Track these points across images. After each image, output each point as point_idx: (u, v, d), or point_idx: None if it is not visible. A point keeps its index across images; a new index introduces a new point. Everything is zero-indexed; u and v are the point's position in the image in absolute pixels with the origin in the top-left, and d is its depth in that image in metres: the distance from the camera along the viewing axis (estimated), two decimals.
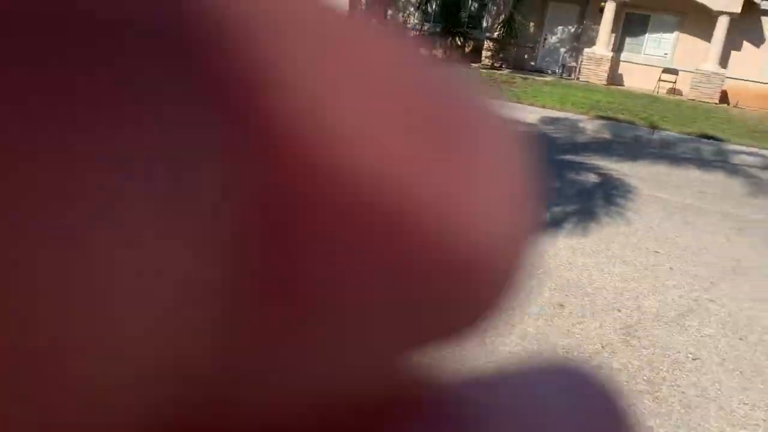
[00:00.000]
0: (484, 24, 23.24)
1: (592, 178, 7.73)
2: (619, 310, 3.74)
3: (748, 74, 20.55)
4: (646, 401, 2.77)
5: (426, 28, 24.08)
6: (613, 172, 8.28)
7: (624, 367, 3.06)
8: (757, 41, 20.53)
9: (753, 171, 10.26)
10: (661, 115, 15.24)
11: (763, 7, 19.45)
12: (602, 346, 3.24)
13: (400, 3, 24.60)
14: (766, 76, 20.54)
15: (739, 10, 18.93)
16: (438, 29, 23.47)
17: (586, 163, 8.74)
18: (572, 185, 7.12)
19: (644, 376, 3.00)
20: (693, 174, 9.19)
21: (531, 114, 13.30)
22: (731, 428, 2.67)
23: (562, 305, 3.68)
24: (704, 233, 5.87)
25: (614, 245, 5.04)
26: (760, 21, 20.23)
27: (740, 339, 3.59)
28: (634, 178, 8.13)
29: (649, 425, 2.60)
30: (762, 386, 3.07)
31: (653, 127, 13.72)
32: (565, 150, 9.69)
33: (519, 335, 3.22)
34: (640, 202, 6.78)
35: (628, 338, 3.38)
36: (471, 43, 23.76)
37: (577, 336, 3.31)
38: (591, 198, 6.61)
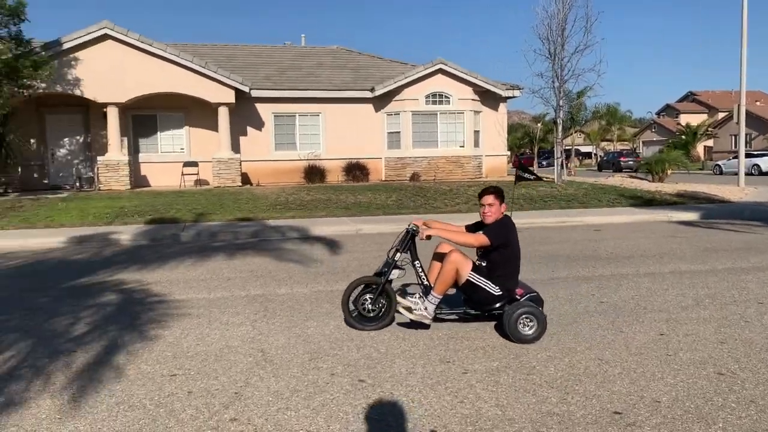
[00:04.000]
0: None
1: (109, 299, 6.60)
2: None
3: (260, 155, 22.47)
4: None
5: None
6: (136, 285, 7.31)
7: None
8: (259, 125, 22.64)
9: (277, 243, 10.70)
10: (190, 209, 15.08)
11: (254, 95, 21.52)
12: None
13: None
14: (273, 154, 22.81)
15: (233, 100, 20.52)
16: None
17: (106, 282, 7.56)
18: (80, 317, 5.87)
19: None
20: (222, 262, 8.92)
21: (46, 237, 11.46)
22: None
23: None
24: (230, 327, 5.36)
25: (121, 385, 4.02)
26: (256, 108, 22.37)
27: None
28: (159, 284, 7.31)
29: None
30: None
31: (183, 222, 13.40)
32: (85, 272, 8.35)
33: None
34: (162, 313, 5.94)
35: None
36: None
37: None
38: (100, 328, 5.48)
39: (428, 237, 5.06)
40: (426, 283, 5.25)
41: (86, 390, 3.95)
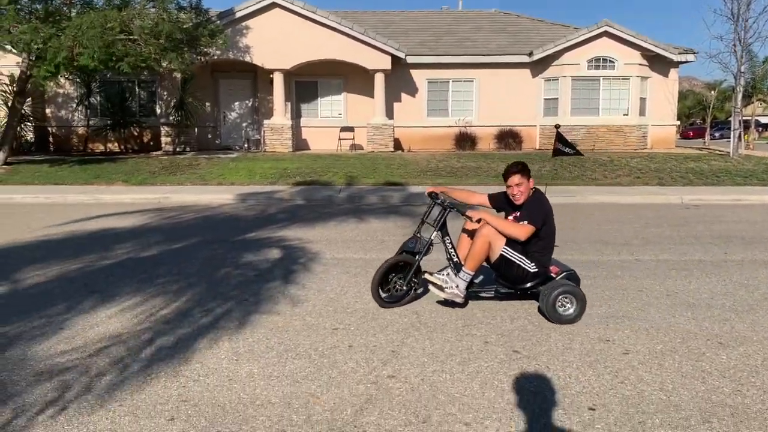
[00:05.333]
0: (158, 110, 22.07)
1: (274, 254, 7.10)
2: (285, 431, 2.96)
3: (412, 121, 22.69)
4: None
5: (93, 122, 22.03)
6: (298, 242, 7.78)
7: None
8: (412, 92, 22.81)
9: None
10: (345, 172, 15.67)
11: (409, 61, 21.67)
12: None
13: (60, 100, 22.22)
14: (425, 121, 22.92)
15: (389, 66, 20.82)
16: (108, 122, 21.66)
17: (271, 238, 8.13)
18: (249, 269, 6.38)
19: None
20: (376, 225, 9.22)
21: (218, 194, 12.51)
22: None
23: None
24: None
25: (288, 334, 4.33)
26: (410, 74, 22.53)
27: (424, 422, 3.06)
28: (319, 243, 7.72)
29: None
30: None
31: (338, 185, 13.98)
32: (251, 227, 9.04)
33: None
34: (322, 270, 6.29)
35: None
36: (148, 131, 22.39)
37: None
38: (268, 280, 5.91)
39: (478, 221, 4.80)
40: (456, 260, 4.96)
41: (257, 336, 4.31)
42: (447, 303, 5.01)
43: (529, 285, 4.82)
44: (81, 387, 3.45)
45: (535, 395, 3.38)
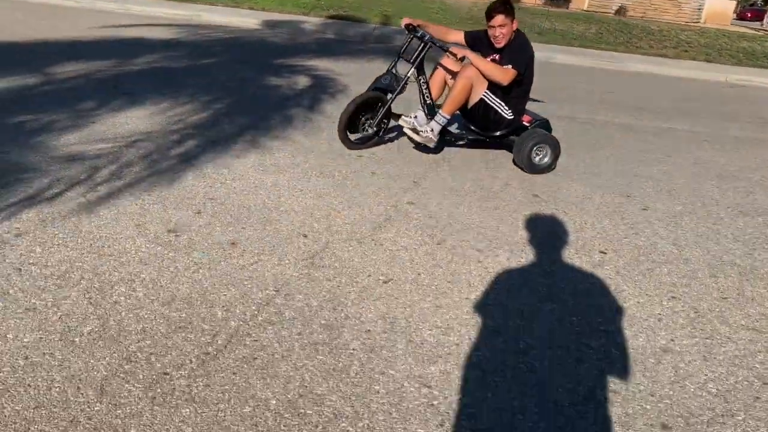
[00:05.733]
0: None
1: (303, 81, 7.00)
2: (306, 236, 3.08)
3: None
4: (320, 357, 2.14)
5: None
6: (328, 73, 7.63)
7: (299, 312, 2.40)
8: None
9: None
10: (381, 11, 15.03)
11: None
12: (276, 290, 2.54)
13: None
14: None
15: None
16: None
17: (301, 66, 7.98)
18: (278, 91, 6.33)
19: (323, 319, 2.37)
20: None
21: (250, 17, 12.14)
22: (420, 366, 2.16)
23: (234, 243, 2.91)
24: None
25: (314, 155, 4.38)
26: None
27: (438, 244, 3.16)
28: (349, 77, 7.56)
29: (320, 390, 1.97)
30: (457, 299, 2.64)
31: (372, 23, 13.47)
32: (282, 53, 8.83)
33: (168, 298, 2.39)
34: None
35: (310, 270, 2.73)
36: None
37: (246, 283, 2.57)
38: (296, 105, 5.87)
39: (461, 59, 4.45)
40: (430, 102, 4.63)
41: (284, 153, 4.36)
42: (420, 147, 4.76)
43: (500, 133, 4.67)
44: (111, 173, 3.57)
45: (549, 234, 3.46)
